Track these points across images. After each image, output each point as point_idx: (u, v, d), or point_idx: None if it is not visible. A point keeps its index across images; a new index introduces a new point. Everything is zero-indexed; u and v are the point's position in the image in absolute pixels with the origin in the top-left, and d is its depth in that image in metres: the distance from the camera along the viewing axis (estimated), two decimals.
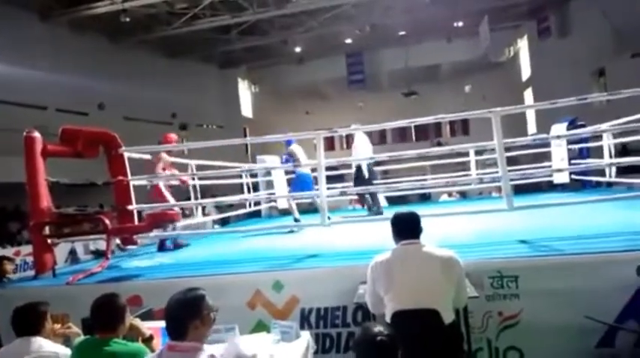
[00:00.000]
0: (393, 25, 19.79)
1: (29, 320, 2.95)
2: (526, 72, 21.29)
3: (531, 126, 20.05)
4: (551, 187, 8.67)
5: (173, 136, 6.38)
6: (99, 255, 6.58)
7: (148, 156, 6.08)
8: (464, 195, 10.63)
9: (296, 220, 6.67)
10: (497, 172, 4.75)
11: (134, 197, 5.14)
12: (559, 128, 7.94)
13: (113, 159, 5.24)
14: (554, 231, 4.40)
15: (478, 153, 8.10)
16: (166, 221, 5.08)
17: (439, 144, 22.19)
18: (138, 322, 2.87)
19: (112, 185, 5.20)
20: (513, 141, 4.97)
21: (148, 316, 3.28)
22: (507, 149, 4.70)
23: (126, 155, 5.24)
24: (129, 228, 5.03)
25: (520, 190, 8.01)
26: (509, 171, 4.82)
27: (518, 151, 7.69)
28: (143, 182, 5.76)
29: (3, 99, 13.63)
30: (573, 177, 7.83)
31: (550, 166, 7.69)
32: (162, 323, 2.30)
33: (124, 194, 5.13)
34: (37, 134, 4.92)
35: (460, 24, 19.74)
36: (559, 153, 7.63)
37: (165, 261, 5.19)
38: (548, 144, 7.86)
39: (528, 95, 20.88)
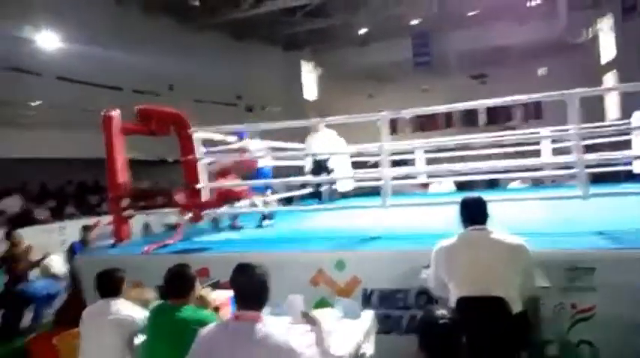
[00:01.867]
0: (462, 5, 19.07)
1: (109, 285, 3.19)
2: (606, 55, 19.86)
3: (611, 113, 18.76)
4: (630, 177, 8.10)
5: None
6: (170, 228, 6.90)
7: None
8: (536, 183, 10.15)
9: (264, 217, 6.10)
10: (572, 159, 4.50)
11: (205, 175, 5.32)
12: None
13: (183, 138, 5.46)
14: (633, 223, 4.12)
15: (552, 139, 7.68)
16: (234, 198, 5.24)
17: (509, 129, 21.25)
18: (206, 292, 3.01)
19: (182, 163, 5.43)
20: (589, 126, 4.66)
21: (215, 288, 3.42)
22: (583, 136, 4.43)
23: (195, 135, 5.43)
24: (198, 204, 5.23)
25: (597, 180, 7.55)
26: (586, 156, 4.54)
27: (595, 138, 7.21)
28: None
29: (84, 80, 14.52)
30: None
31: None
32: (230, 293, 2.39)
33: (193, 172, 5.34)
34: (115, 113, 5.19)
35: (535, 3, 18.69)
36: None
37: (232, 236, 5.37)
38: (629, 132, 7.32)
39: (608, 80, 19.48)
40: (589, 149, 5.26)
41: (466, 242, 2.89)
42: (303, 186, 7.96)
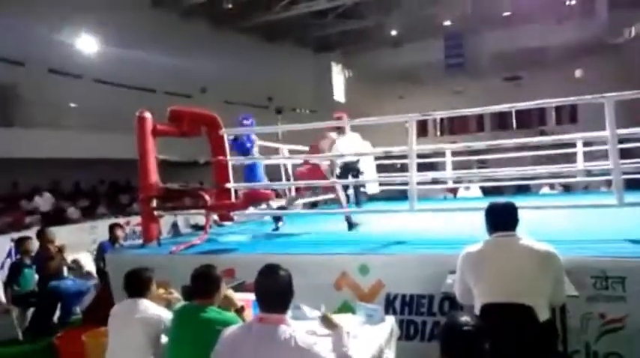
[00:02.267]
0: (496, 5, 18.75)
1: (137, 284, 3.26)
2: None
3: None
4: None
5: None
6: (197, 228, 7.02)
7: None
8: (567, 189, 9.90)
9: (276, 219, 6.06)
10: (607, 164, 4.36)
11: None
12: None
13: (214, 139, 5.54)
14: None
15: (587, 144, 7.47)
16: (261, 200, 5.29)
17: (542, 133, 20.76)
18: (231, 293, 3.05)
19: (212, 163, 5.51)
20: (629, 131, 4.50)
21: (240, 288, 3.47)
22: (621, 140, 4.29)
23: (225, 136, 5.51)
24: (226, 205, 5.30)
25: (633, 186, 7.29)
26: (622, 163, 4.39)
27: (633, 143, 6.96)
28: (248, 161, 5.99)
29: (119, 82, 14.92)
30: None
31: None
32: (253, 296, 2.42)
33: (222, 172, 5.42)
34: (148, 114, 5.31)
35: (572, 2, 18.20)
36: None
37: (258, 238, 5.43)
38: None
39: None
40: (626, 155, 5.10)
41: (494, 248, 2.84)
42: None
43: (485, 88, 21.99)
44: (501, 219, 2.90)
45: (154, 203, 5.24)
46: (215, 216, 5.78)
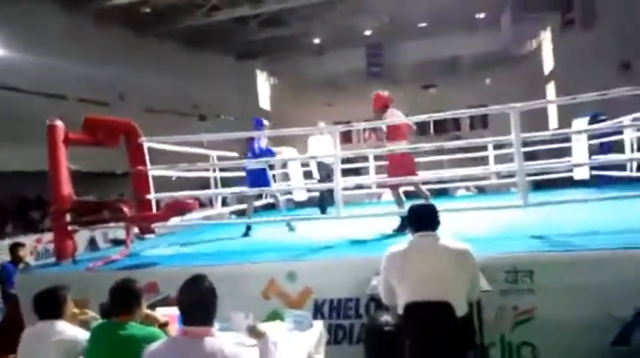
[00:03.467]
0: (413, 17, 19.62)
1: (50, 305, 3.00)
2: (548, 65, 20.89)
3: (553, 122, 19.68)
4: (572, 183, 8.51)
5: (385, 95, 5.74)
6: (117, 243, 6.67)
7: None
8: (482, 190, 10.50)
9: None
10: (513, 166, 4.70)
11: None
12: (580, 123, 7.79)
13: (133, 148, 5.32)
14: (571, 227, 4.35)
15: (497, 147, 7.99)
16: (184, 210, 5.14)
17: (458, 138, 21.96)
18: (150, 311, 2.93)
19: (132, 174, 5.28)
20: (531, 135, 4.89)
21: (164, 303, 3.34)
22: (526, 144, 4.64)
23: (145, 145, 5.32)
24: (147, 217, 5.10)
25: (540, 186, 7.89)
26: (527, 165, 4.75)
27: (537, 146, 7.55)
28: (168, 172, 5.81)
29: (26, 88, 13.91)
30: (593, 173, 7.68)
31: (569, 161, 7.55)
32: (176, 310, 2.34)
33: (142, 183, 5.21)
34: (59, 123, 5.00)
35: (482, 15, 19.45)
36: (579, 148, 7.48)
37: (182, 250, 5.27)
38: (569, 140, 7.71)
39: (550, 89, 20.48)
40: (532, 158, 5.53)
41: (415, 248, 2.95)
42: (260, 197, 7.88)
43: (404, 95, 22.85)
44: (422, 219, 3.02)
45: (68, 217, 4.93)
46: (136, 229, 5.54)
